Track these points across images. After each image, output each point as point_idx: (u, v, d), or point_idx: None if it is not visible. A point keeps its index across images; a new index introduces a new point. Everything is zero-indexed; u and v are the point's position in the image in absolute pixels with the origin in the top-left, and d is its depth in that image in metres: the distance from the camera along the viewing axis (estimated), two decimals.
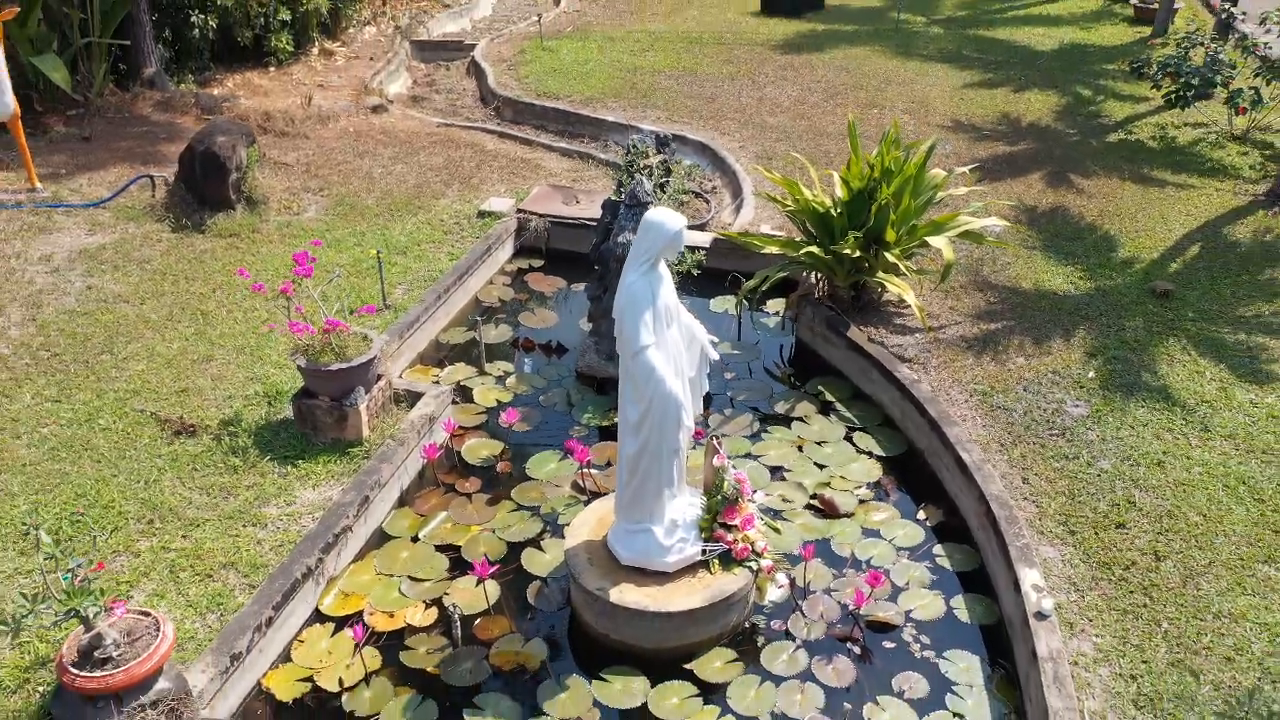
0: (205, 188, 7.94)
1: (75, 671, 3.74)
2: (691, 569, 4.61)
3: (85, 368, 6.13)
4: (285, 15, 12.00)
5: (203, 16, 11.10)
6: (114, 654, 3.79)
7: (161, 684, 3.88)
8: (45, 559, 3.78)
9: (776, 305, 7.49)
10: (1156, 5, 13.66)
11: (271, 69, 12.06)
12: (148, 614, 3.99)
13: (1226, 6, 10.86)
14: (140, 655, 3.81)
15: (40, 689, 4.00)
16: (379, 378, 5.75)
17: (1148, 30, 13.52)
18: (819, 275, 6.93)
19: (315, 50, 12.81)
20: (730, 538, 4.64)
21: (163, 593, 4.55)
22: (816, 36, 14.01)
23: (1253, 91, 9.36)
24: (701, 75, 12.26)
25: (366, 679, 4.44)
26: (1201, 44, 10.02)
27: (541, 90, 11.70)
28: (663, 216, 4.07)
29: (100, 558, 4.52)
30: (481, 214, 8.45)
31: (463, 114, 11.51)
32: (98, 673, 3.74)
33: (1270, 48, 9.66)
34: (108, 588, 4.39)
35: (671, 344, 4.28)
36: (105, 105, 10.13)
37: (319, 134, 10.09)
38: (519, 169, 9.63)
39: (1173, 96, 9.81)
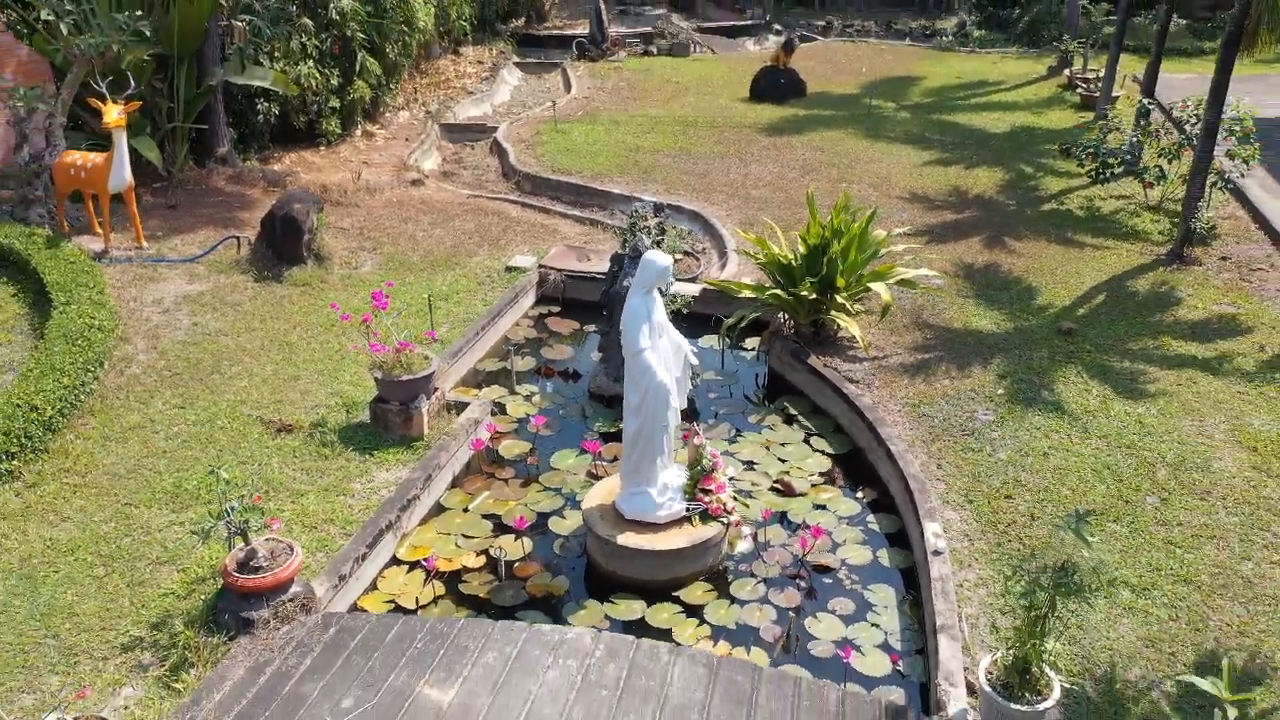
0: (283, 246, 9.63)
1: (237, 575, 5.27)
2: (678, 522, 6.13)
3: (200, 384, 7.73)
4: (334, 103, 13.88)
5: (266, 104, 12.95)
6: (263, 564, 5.32)
7: (295, 588, 5.40)
8: (223, 490, 5.33)
9: (752, 342, 9.10)
10: (1098, 93, 15.55)
11: (322, 148, 13.90)
12: (283, 541, 5.53)
13: (1143, 100, 12.69)
14: (280, 567, 5.34)
15: (203, 596, 5.50)
16: (435, 389, 7.35)
17: (1090, 115, 15.41)
18: (785, 315, 8.57)
19: (359, 132, 14.68)
20: (707, 499, 6.17)
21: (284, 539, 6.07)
22: (798, 120, 15.90)
23: (1157, 169, 11.12)
24: (695, 154, 14.09)
25: (435, 601, 5.94)
26: (1118, 129, 11.82)
27: (556, 167, 13.51)
28: (655, 256, 5.72)
29: (251, 499, 6.01)
30: (508, 269, 10.14)
31: (488, 187, 13.30)
32: (252, 577, 5.27)
33: (1170, 132, 11.44)
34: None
35: (662, 349, 5.88)
36: (185, 179, 11.90)
37: (368, 203, 11.85)
38: (538, 232, 11.36)
39: (1094, 173, 11.57)
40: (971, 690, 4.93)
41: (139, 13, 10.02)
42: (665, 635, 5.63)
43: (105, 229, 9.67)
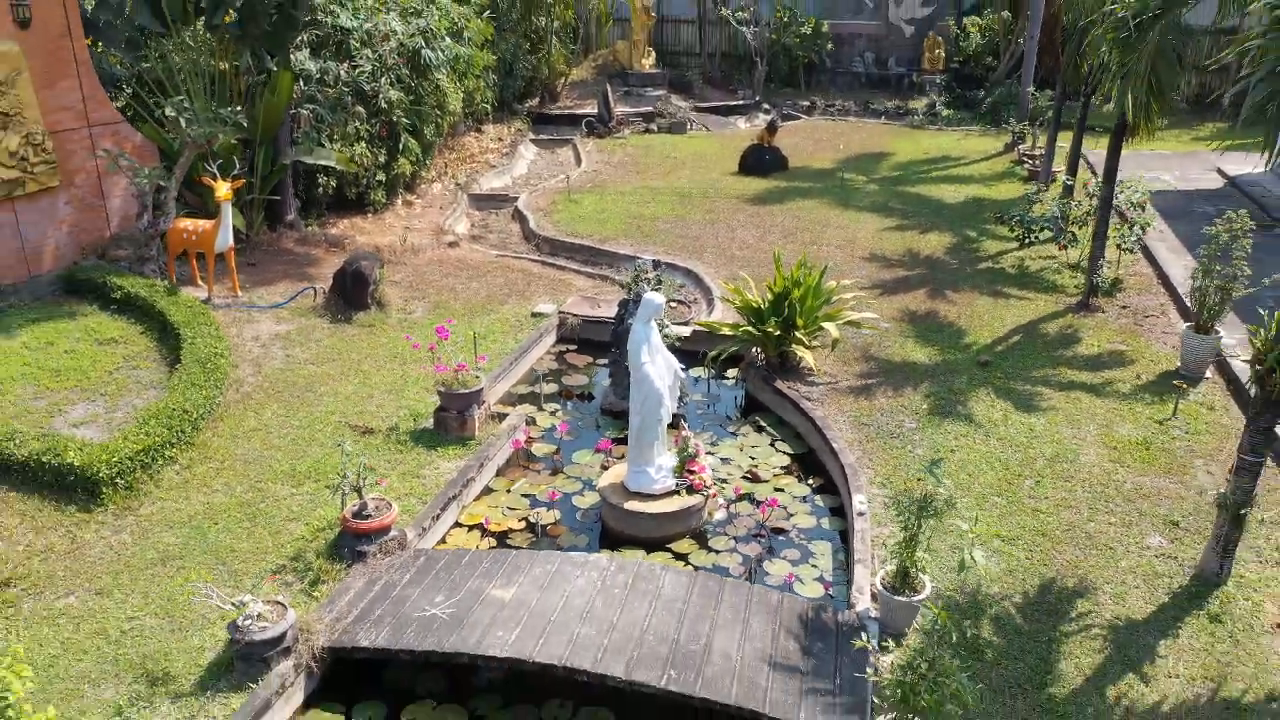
0: (353, 295, 11.87)
1: (353, 520, 7.37)
2: (669, 494, 8.23)
3: (298, 399, 9.90)
4: (381, 177, 16.25)
5: (326, 179, 15.31)
6: (371, 514, 7.42)
7: (393, 532, 7.50)
8: (345, 459, 7.46)
9: (733, 371, 11.27)
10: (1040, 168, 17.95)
11: (370, 215, 16.23)
12: (384, 499, 7.64)
13: (1065, 178, 15.04)
14: (383, 515, 7.45)
15: (325, 539, 7.58)
16: (483, 401, 9.51)
17: (1034, 187, 17.76)
18: (757, 349, 10.75)
19: (400, 201, 17.04)
20: (692, 477, 8.28)
21: None
22: (779, 191, 18.29)
23: (1070, 234, 13.41)
24: (689, 221, 16.42)
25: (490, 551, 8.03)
26: (1041, 200, 14.14)
27: (570, 231, 15.83)
28: (653, 295, 7.93)
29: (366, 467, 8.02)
30: (533, 314, 12.37)
31: (512, 248, 15.60)
32: (364, 522, 7.37)
33: (1081, 205, 13.76)
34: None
35: (658, 365, 8.06)
36: (261, 240, 14.20)
37: (413, 261, 14.13)
38: (557, 285, 13.61)
39: (1020, 238, 13.87)
40: (874, 598, 7.00)
41: (238, 108, 12.42)
42: None
43: (209, 281, 11.93)
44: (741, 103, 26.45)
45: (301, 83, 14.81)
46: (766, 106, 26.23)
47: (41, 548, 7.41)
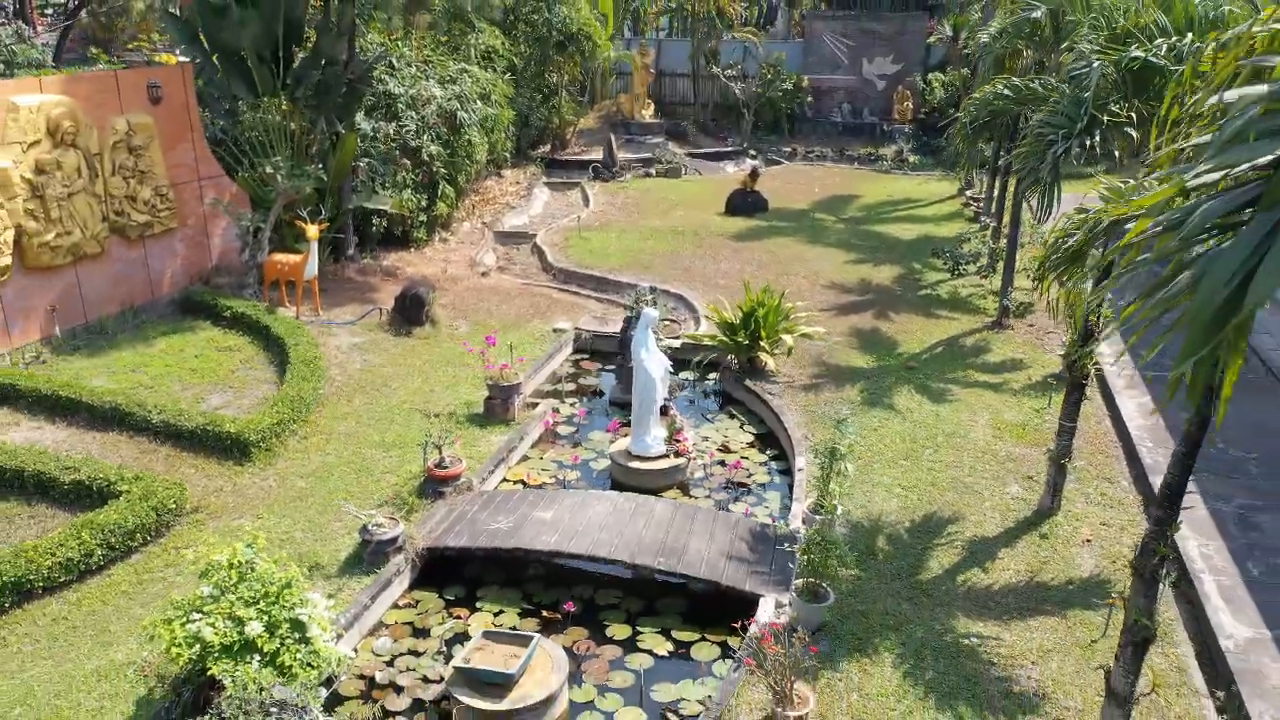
0: (411, 314, 14.90)
1: (435, 470, 10.35)
2: (661, 457, 11.20)
3: (377, 392, 12.89)
4: (422, 218, 19.35)
5: (379, 220, 18.40)
6: (449, 466, 10.40)
7: (463, 479, 10.48)
8: (430, 425, 10.45)
9: (713, 374, 14.28)
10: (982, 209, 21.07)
11: (413, 249, 19.31)
12: (456, 455, 10.63)
13: (989, 219, 18.13)
14: (456, 467, 10.43)
15: (414, 485, 10.53)
16: (521, 393, 12.50)
17: (977, 226, 20.86)
18: (731, 355, 13.76)
19: (437, 238, 20.13)
20: (678, 445, 11.26)
21: None
22: (758, 230, 21.39)
23: (989, 266, 16.48)
24: (681, 254, 19.49)
25: None
26: (969, 239, 17.20)
27: (581, 263, 18.89)
28: (649, 310, 10.96)
29: (446, 430, 11.00)
30: (554, 330, 15.38)
31: (533, 278, 18.65)
32: (443, 470, 10.35)
33: (988, 244, 16.82)
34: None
35: (653, 361, 11.06)
36: (327, 271, 17.24)
37: (454, 288, 17.18)
38: (572, 308, 16.64)
39: (951, 269, 16.93)
40: (803, 520, 9.94)
41: (320, 164, 15.53)
42: None
43: (298, 303, 14.97)
44: (731, 149, 29.66)
45: (359, 140, 17.94)
46: (753, 153, 29.45)
47: (214, 489, 10.38)
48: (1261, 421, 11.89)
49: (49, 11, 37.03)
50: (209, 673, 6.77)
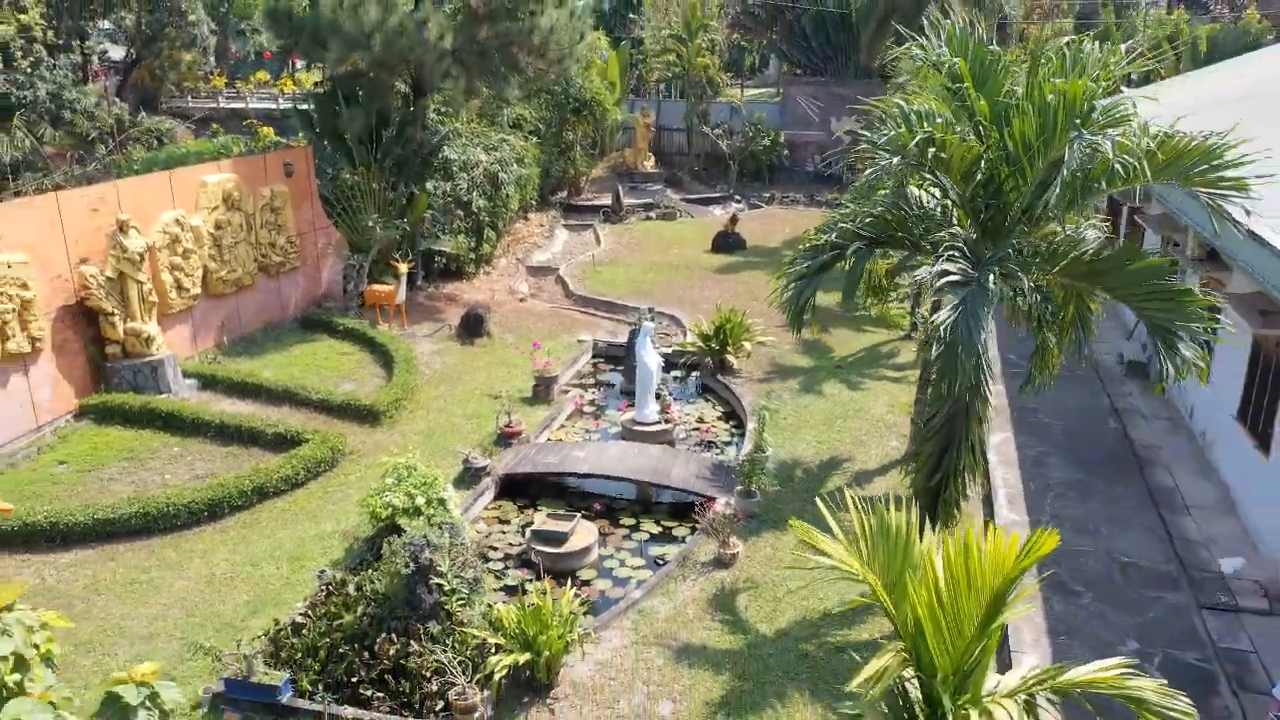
0: (472, 329, 20.23)
1: (505, 429, 15.63)
2: (655, 424, 16.47)
3: (454, 383, 18.20)
4: (472, 255, 24.73)
5: (440, 258, 23.77)
6: (514, 426, 15.69)
7: (524, 435, 15.76)
8: (499, 399, 15.76)
9: (695, 373, 19.57)
10: None
11: (465, 280, 24.67)
12: (519, 420, 15.91)
13: None
14: (519, 426, 15.71)
15: (490, 439, 15.80)
16: (557, 383, 17.82)
17: None
18: (708, 358, 19.05)
19: (482, 271, 25.51)
20: (668, 415, 16.54)
21: None
22: (736, 264, 26.73)
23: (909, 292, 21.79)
24: (674, 283, 24.82)
25: None
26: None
27: (596, 291, 24.23)
28: (648, 323, 16.31)
29: (512, 404, 16.23)
30: (578, 341, 20.70)
31: (559, 302, 23.99)
32: (511, 428, 15.63)
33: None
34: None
35: (650, 358, 16.38)
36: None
37: (501, 310, 22.53)
38: (590, 325, 21.95)
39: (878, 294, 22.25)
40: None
41: (402, 218, 20.96)
42: None
43: (389, 320, 20.32)
44: (719, 195, 35.11)
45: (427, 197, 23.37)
46: (737, 198, 34.90)
47: (359, 441, 15.65)
48: (1067, 400, 17.17)
49: (97, 59, 40.90)
50: (397, 523, 12.00)
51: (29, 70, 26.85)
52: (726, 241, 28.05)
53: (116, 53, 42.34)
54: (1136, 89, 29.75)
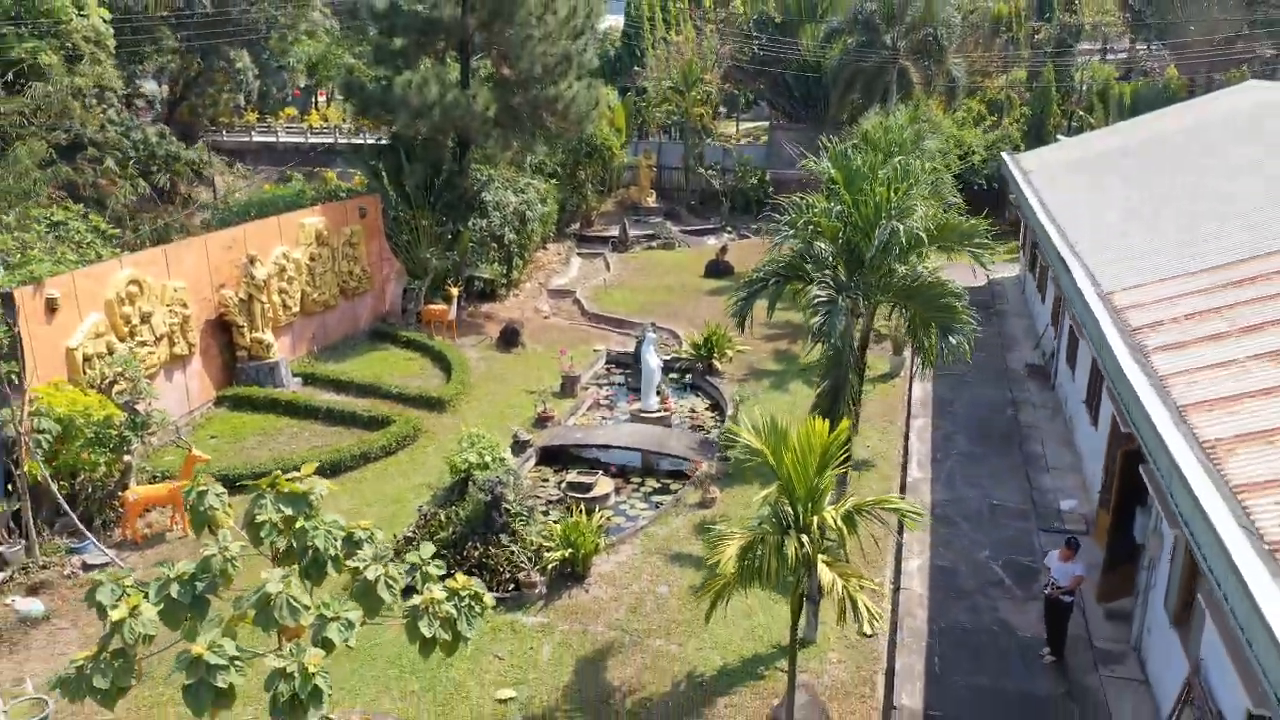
0: (509, 340, 25.12)
1: (542, 414, 20.48)
2: (656, 412, 21.33)
3: (499, 381, 23.08)
4: (504, 280, 29.64)
5: (478, 283, 28.69)
6: (548, 411, 20.54)
7: (555, 419, 20.61)
8: (538, 390, 20.64)
9: (689, 374, 24.42)
10: None
11: (498, 302, 29.57)
12: (552, 407, 20.77)
13: None
14: (553, 412, 20.56)
15: (531, 421, 20.64)
16: (579, 381, 22.70)
17: None
18: (698, 362, 23.92)
19: (512, 294, 30.42)
20: (666, 406, 21.42)
21: None
22: (725, 288, 31.56)
23: None
24: (672, 303, 29.73)
25: None
26: None
27: (607, 310, 29.14)
28: (650, 333, 21.23)
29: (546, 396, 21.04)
30: (594, 350, 25.60)
31: (575, 320, 28.87)
32: (547, 413, 20.48)
33: None
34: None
35: (652, 361, 21.28)
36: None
37: (529, 326, 27.44)
38: (603, 338, 26.85)
39: None
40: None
41: (451, 250, 25.92)
42: None
43: (443, 333, 25.23)
44: (713, 227, 40.08)
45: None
46: (729, 230, 39.89)
47: (430, 423, 20.47)
48: (980, 395, 22.02)
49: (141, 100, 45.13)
50: (471, 474, 16.82)
51: (109, 119, 31.22)
52: (717, 268, 32.95)
53: (149, 85, 46.45)
54: (1069, 135, 35.02)
